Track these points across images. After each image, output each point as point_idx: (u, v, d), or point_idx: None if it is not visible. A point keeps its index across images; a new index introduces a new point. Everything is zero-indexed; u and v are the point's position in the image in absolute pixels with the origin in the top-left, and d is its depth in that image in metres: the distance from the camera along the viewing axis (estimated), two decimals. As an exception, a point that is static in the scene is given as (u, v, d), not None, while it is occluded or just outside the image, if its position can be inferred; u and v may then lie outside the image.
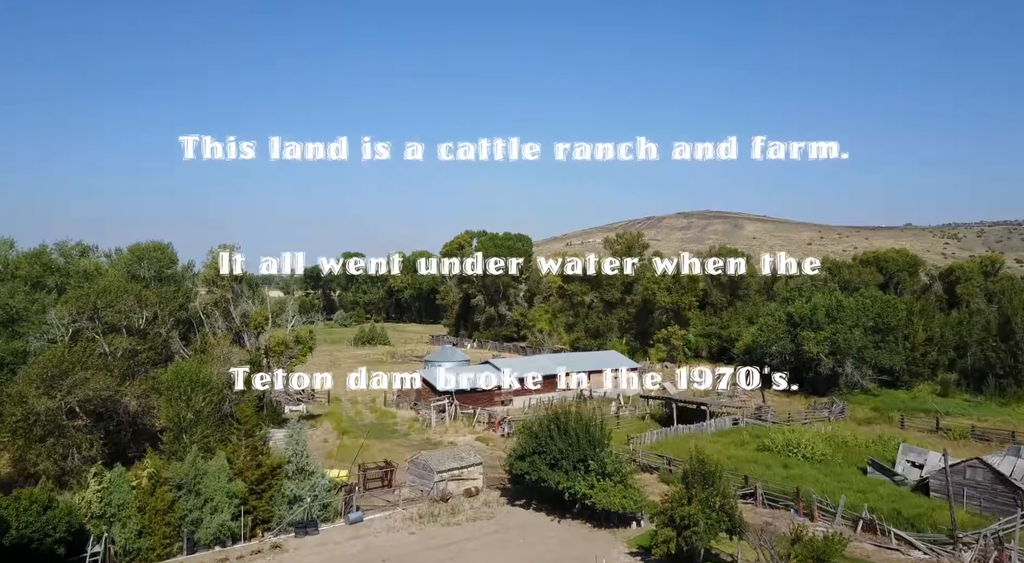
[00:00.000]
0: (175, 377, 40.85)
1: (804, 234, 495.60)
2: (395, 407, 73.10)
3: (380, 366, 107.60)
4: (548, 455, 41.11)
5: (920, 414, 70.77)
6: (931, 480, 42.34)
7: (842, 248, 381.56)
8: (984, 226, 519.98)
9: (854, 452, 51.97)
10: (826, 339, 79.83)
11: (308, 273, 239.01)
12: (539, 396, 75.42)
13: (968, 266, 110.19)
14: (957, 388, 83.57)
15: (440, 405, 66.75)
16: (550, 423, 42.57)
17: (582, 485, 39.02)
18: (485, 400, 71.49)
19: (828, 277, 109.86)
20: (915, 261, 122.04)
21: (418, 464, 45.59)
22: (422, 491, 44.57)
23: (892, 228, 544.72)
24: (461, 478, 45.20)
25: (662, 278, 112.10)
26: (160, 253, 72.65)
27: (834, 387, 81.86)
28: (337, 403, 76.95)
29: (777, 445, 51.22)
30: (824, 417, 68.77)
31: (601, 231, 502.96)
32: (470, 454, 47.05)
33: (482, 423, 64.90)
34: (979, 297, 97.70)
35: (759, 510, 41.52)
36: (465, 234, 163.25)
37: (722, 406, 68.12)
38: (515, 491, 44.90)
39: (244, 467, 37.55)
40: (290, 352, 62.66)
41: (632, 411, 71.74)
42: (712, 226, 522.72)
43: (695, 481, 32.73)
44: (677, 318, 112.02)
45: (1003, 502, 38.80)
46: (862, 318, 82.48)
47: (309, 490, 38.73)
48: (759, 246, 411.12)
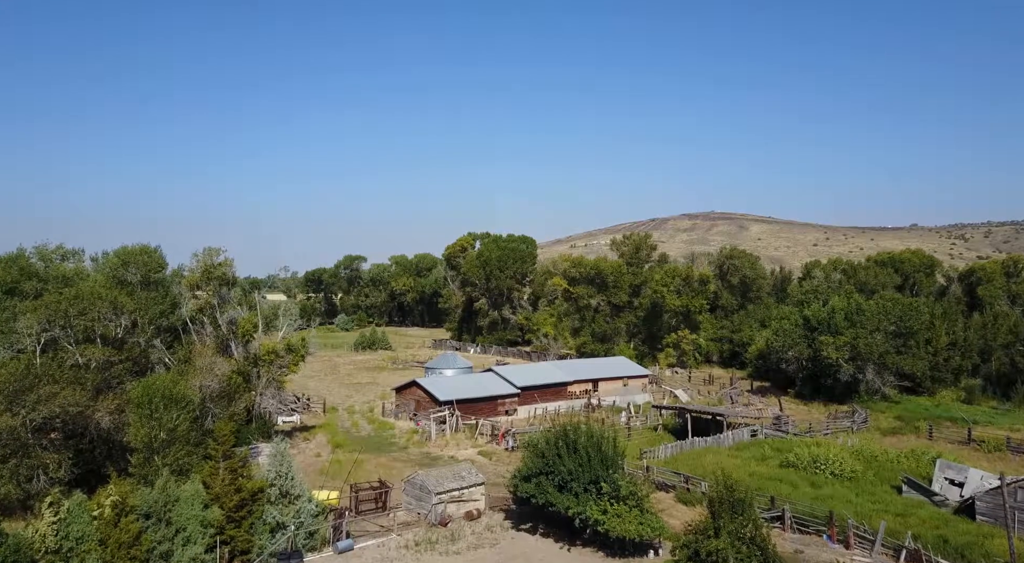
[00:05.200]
0: (145, 392, 37.33)
1: (810, 235, 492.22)
2: (393, 417, 69.58)
3: (380, 372, 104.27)
4: (556, 476, 37.50)
5: (946, 423, 67.01)
6: (977, 502, 38.61)
7: (848, 249, 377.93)
8: (991, 226, 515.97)
9: (885, 468, 48.25)
10: (846, 344, 76.07)
11: (310, 276, 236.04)
12: (545, 405, 71.88)
13: (990, 267, 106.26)
14: (982, 394, 79.83)
15: (440, 416, 63.20)
16: (558, 440, 38.98)
17: (594, 510, 35.38)
18: (488, 410, 67.93)
19: (844, 279, 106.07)
20: (932, 262, 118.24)
21: (415, 484, 42.02)
22: (419, 514, 41.02)
23: (898, 229, 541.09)
24: (461, 500, 41.63)
25: (671, 280, 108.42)
26: (147, 257, 69.10)
27: (853, 394, 78.08)
28: (333, 413, 73.53)
29: (802, 461, 47.51)
30: (846, 427, 65.10)
31: (606, 233, 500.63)
32: (471, 473, 43.46)
33: (485, 435, 61.34)
34: (1002, 299, 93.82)
35: (788, 535, 37.86)
36: (468, 236, 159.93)
37: (739, 416, 64.42)
38: (520, 513, 41.30)
39: (222, 492, 33.97)
40: (281, 361, 59.19)
41: (643, 421, 68.10)
42: (717, 227, 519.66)
43: (723, 510, 29.13)
44: (687, 322, 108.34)
45: (1060, 528, 35.09)
46: (883, 322, 78.72)
47: (294, 516, 35.15)
48: (764, 247, 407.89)
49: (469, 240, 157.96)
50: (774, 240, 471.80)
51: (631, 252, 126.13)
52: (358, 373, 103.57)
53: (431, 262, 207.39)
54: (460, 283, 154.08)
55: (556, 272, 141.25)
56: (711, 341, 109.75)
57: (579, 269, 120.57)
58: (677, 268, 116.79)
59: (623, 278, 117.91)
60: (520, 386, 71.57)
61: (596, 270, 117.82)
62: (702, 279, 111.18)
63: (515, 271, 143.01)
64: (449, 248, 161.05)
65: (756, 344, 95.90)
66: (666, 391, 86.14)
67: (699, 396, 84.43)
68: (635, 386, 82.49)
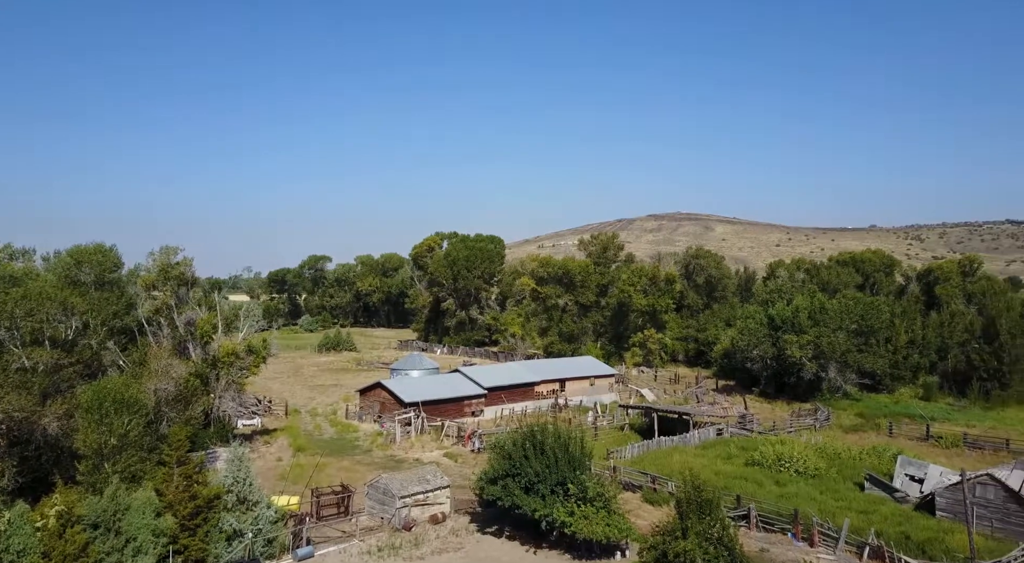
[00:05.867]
0: (96, 397, 35.79)
1: (772, 235, 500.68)
2: (357, 420, 68.39)
3: (345, 374, 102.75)
4: (523, 478, 36.94)
5: (905, 420, 68.12)
6: (938, 498, 39.07)
7: (810, 249, 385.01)
8: (946, 227, 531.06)
9: (848, 465, 48.71)
10: (809, 343, 76.99)
11: (273, 276, 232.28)
12: (512, 406, 71.34)
13: (946, 266, 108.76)
14: (940, 392, 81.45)
15: (405, 418, 62.25)
16: (524, 441, 38.44)
17: (561, 512, 34.90)
18: (454, 411, 67.14)
19: (807, 279, 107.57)
20: (891, 262, 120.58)
21: (378, 488, 41.11)
22: (382, 519, 40.12)
23: (858, 229, 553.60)
24: (426, 503, 40.84)
25: (638, 280, 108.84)
26: (102, 256, 66.80)
27: (816, 392, 79.11)
28: (296, 416, 72.05)
29: (768, 459, 47.73)
30: (809, 425, 65.79)
31: (573, 233, 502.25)
32: (436, 476, 42.69)
33: (451, 437, 60.54)
34: (958, 298, 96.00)
35: (753, 534, 37.85)
36: (435, 235, 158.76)
37: (705, 415, 64.66)
38: (486, 516, 40.69)
39: (175, 499, 32.69)
40: (241, 363, 57.67)
41: (610, 421, 67.99)
42: (682, 228, 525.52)
43: (690, 510, 28.85)
44: (653, 321, 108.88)
45: (1017, 523, 35.62)
46: (845, 321, 79.88)
47: (252, 523, 34.02)
48: (729, 247, 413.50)
49: (436, 240, 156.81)
50: (738, 240, 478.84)
51: (598, 252, 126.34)
52: (322, 375, 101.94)
53: (397, 262, 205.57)
54: (427, 283, 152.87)
55: (524, 272, 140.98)
56: (677, 340, 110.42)
57: (547, 269, 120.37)
58: (644, 268, 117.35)
59: (590, 278, 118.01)
60: (487, 387, 70.94)
61: (564, 270, 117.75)
62: (668, 279, 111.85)
63: (483, 271, 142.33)
64: (416, 248, 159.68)
65: (721, 343, 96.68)
66: (632, 390, 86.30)
67: (665, 395, 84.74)
68: (602, 386, 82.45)
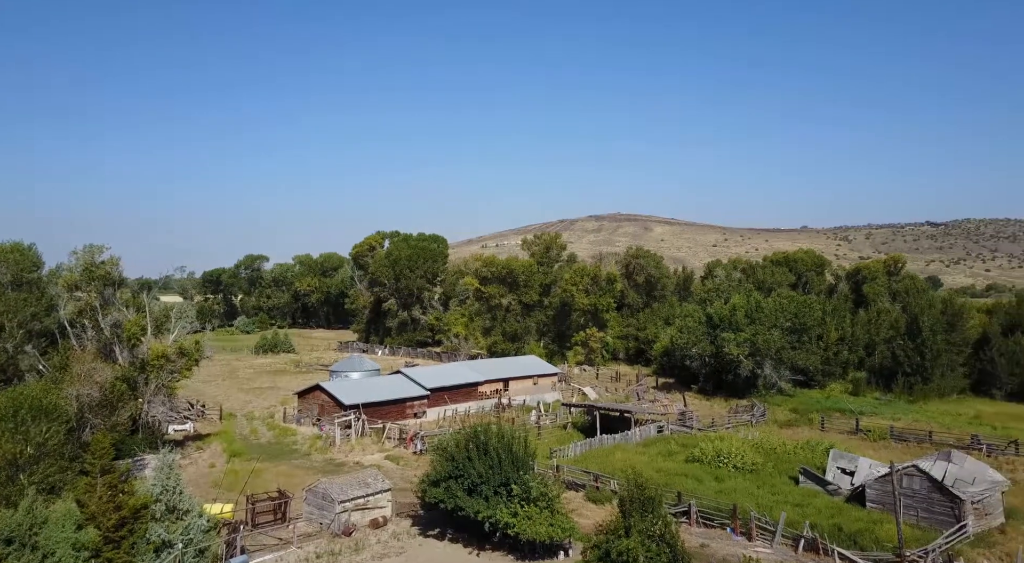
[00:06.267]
0: (11, 404, 33.63)
1: (710, 236, 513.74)
2: (296, 423, 66.60)
3: (282, 376, 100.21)
4: (466, 479, 36.47)
5: (836, 414, 70.54)
6: (868, 490, 40.39)
7: (745, 249, 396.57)
8: (872, 228, 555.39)
9: (784, 459, 49.97)
10: (746, 340, 78.88)
11: (208, 277, 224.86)
12: (455, 406, 70.71)
13: (873, 266, 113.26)
14: (868, 386, 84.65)
15: (346, 420, 60.93)
16: (468, 442, 37.98)
17: (504, 513, 34.58)
18: (396, 413, 66.11)
19: (743, 278, 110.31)
20: (822, 261, 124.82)
21: (317, 493, 39.98)
22: (321, 524, 39.03)
23: (790, 230, 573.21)
24: (367, 507, 39.93)
25: (580, 280, 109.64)
26: (19, 255, 63.17)
27: (752, 389, 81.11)
28: (231, 420, 69.72)
29: (707, 455, 48.53)
30: (746, 421, 67.30)
31: (516, 233, 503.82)
32: (377, 479, 41.80)
33: (392, 439, 59.56)
34: (884, 296, 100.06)
35: (694, 530, 38.35)
36: (377, 234, 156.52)
37: (646, 413, 65.44)
38: (428, 519, 40.05)
39: (98, 510, 30.92)
40: (172, 366, 55.35)
41: (553, 420, 68.11)
42: (623, 228, 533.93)
43: (633, 508, 28.95)
44: (595, 320, 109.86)
45: (941, 512, 37.10)
46: (780, 319, 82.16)
47: (182, 533, 32.48)
48: (667, 247, 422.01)
49: (378, 239, 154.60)
50: (676, 241, 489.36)
51: (541, 252, 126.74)
52: (259, 377, 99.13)
53: (337, 262, 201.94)
54: (368, 283, 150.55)
55: (467, 272, 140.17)
56: (618, 339, 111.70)
57: (491, 268, 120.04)
58: (586, 268, 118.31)
59: (534, 277, 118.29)
60: (429, 388, 70.14)
61: (507, 269, 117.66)
62: (609, 278, 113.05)
63: (426, 271, 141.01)
64: (356, 247, 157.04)
65: (661, 341, 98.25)
66: (575, 389, 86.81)
67: (607, 393, 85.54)
68: (545, 384, 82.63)
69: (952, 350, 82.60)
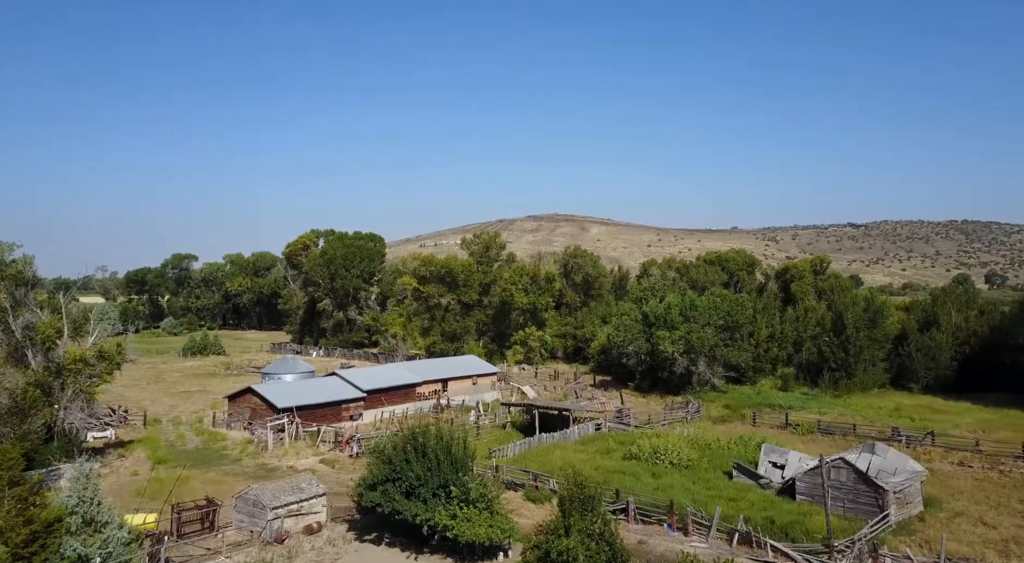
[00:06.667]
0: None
1: (645, 236, 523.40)
2: (226, 428, 64.30)
3: (212, 379, 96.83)
4: (404, 482, 35.76)
5: (767, 409, 72.52)
6: (798, 482, 41.59)
7: (678, 250, 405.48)
8: (798, 229, 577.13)
9: (718, 455, 51.03)
10: (681, 338, 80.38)
11: (132, 277, 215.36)
12: (393, 408, 69.60)
13: (801, 265, 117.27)
14: (796, 382, 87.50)
15: (279, 424, 59.12)
16: (406, 444, 37.28)
17: (443, 515, 34.04)
18: (331, 416, 64.57)
19: (678, 277, 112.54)
20: (753, 261, 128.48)
21: (248, 500, 38.51)
22: (252, 532, 37.62)
23: (721, 231, 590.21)
24: (300, 513, 38.72)
25: (520, 279, 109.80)
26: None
27: (687, 386, 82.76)
28: (156, 425, 66.80)
29: (644, 452, 49.10)
30: (682, 417, 68.55)
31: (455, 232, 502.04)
32: (312, 484, 40.61)
33: (327, 442, 58.12)
34: (811, 295, 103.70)
35: (632, 526, 38.64)
36: (311, 233, 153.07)
37: (584, 411, 65.88)
38: (365, 523, 39.11)
39: (6, 525, 28.92)
40: (92, 370, 52.50)
41: (492, 420, 67.83)
42: (560, 229, 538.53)
43: (573, 508, 28.87)
44: (534, 319, 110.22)
45: (866, 503, 38.48)
46: (713, 317, 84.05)
47: (100, 547, 30.69)
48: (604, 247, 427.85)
49: (312, 237, 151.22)
50: (612, 241, 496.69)
51: (481, 251, 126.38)
52: (186, 381, 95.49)
53: (270, 261, 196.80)
54: (302, 283, 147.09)
55: (406, 271, 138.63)
56: (556, 337, 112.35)
57: (429, 268, 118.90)
58: (525, 267, 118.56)
59: (473, 277, 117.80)
60: (366, 389, 68.82)
61: (447, 269, 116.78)
62: (548, 277, 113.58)
63: (362, 270, 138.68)
64: (290, 246, 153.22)
65: (598, 340, 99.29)
66: (514, 388, 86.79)
67: (546, 392, 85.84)
68: (484, 384, 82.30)
69: (874, 346, 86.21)
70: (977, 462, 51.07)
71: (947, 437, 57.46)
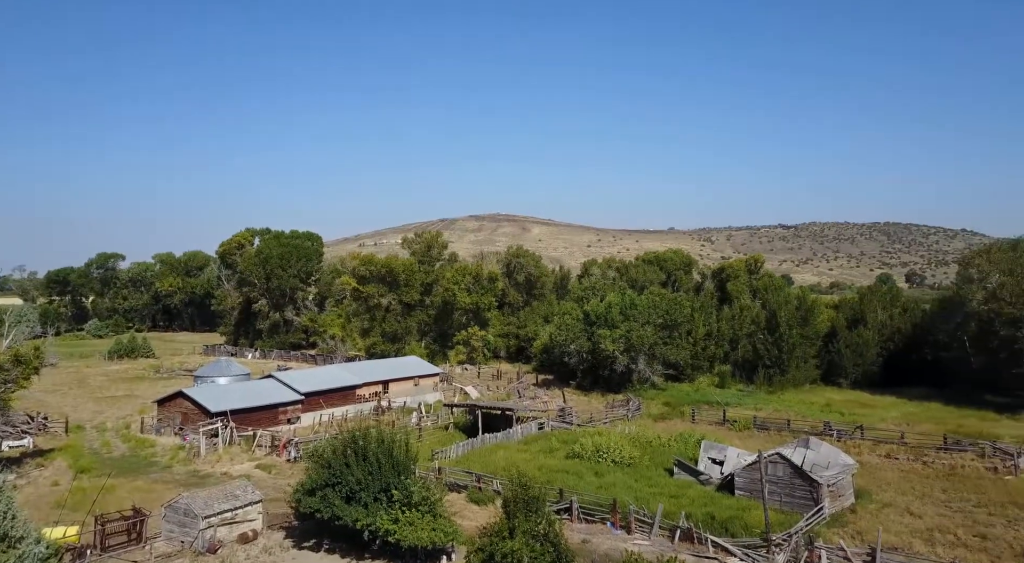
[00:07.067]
0: None
1: (584, 237, 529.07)
2: (155, 433, 61.59)
3: (140, 383, 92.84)
4: (344, 487, 34.81)
5: (705, 406, 73.94)
6: (737, 478, 42.38)
7: (617, 250, 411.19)
8: (731, 230, 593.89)
9: (659, 452, 51.66)
10: (621, 336, 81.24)
11: (53, 277, 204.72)
12: (332, 411, 68.04)
13: (736, 265, 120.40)
14: (732, 379, 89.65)
15: (212, 429, 56.97)
16: (345, 448, 36.32)
17: (385, 520, 33.25)
18: (268, 419, 62.66)
19: (617, 276, 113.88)
20: (690, 260, 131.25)
21: (178, 509, 36.82)
22: (183, 543, 35.99)
23: (658, 231, 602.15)
24: (235, 521, 37.26)
25: (462, 278, 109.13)
26: None
27: (627, 383, 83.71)
28: (79, 432, 63.50)
29: (587, 451, 49.28)
30: (623, 415, 69.26)
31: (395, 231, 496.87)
32: (247, 490, 39.16)
33: (264, 447, 56.33)
34: (746, 294, 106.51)
35: (575, 526, 38.62)
36: (246, 232, 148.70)
37: (527, 410, 65.83)
38: (303, 530, 37.95)
39: (-91, 545, 26.83)
40: (6, 375, 49.46)
41: (434, 421, 67.06)
42: (502, 229, 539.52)
43: (517, 509, 28.58)
44: (477, 319, 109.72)
45: (801, 496, 39.49)
46: (652, 315, 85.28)
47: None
48: (545, 247, 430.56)
49: (247, 236, 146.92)
50: (553, 241, 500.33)
51: (423, 250, 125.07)
52: (112, 385, 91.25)
53: (203, 260, 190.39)
54: (237, 283, 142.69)
55: (344, 270, 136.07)
56: (499, 337, 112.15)
57: (369, 267, 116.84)
58: (468, 266, 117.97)
59: (415, 276, 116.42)
60: (304, 392, 67.07)
61: (387, 268, 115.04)
62: (491, 277, 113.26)
63: (299, 270, 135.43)
64: (224, 245, 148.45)
65: (541, 339, 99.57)
66: (457, 388, 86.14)
67: (488, 392, 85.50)
68: (426, 385, 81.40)
69: (806, 343, 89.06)
70: (903, 454, 53.18)
71: (875, 430, 59.67)
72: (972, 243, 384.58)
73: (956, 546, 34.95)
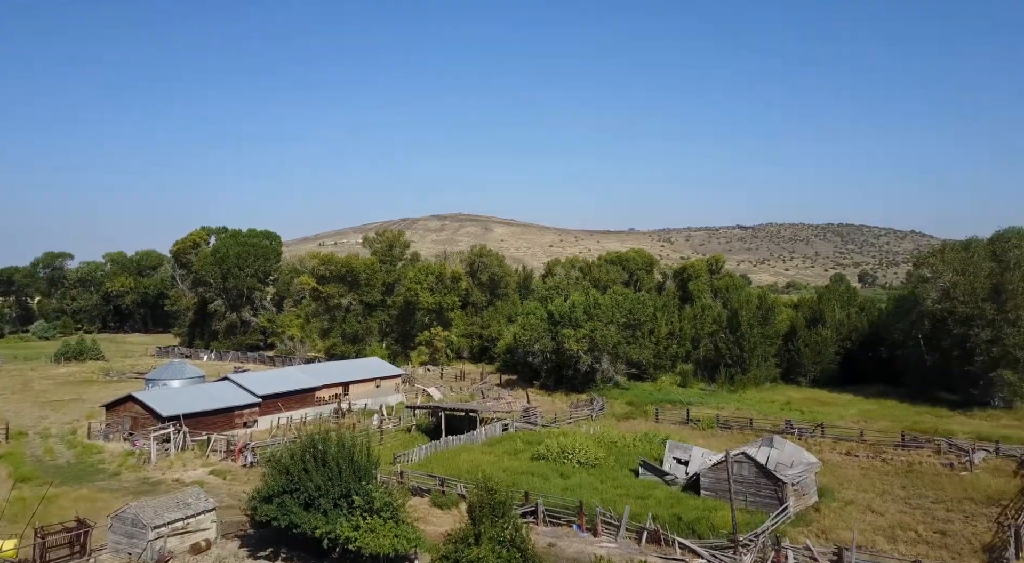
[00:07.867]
0: None
1: (547, 237, 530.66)
2: (103, 439, 59.03)
3: (89, 387, 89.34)
4: (303, 493, 33.46)
5: (668, 405, 74.04)
6: (702, 478, 42.20)
7: (579, 250, 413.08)
8: (691, 231, 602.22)
9: (624, 452, 51.31)
10: (585, 336, 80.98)
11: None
12: (290, 414, 66.26)
13: (697, 265, 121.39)
14: (694, 378, 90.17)
15: (163, 434, 54.83)
16: (304, 452, 34.97)
17: (345, 527, 32.04)
18: (223, 423, 60.63)
19: (581, 276, 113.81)
20: (651, 260, 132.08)
21: (125, 519, 35.02)
22: (131, 555, 34.23)
23: (619, 232, 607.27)
24: (187, 531, 35.59)
25: (425, 278, 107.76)
26: None
27: (591, 383, 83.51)
28: (21, 439, 60.57)
29: (552, 452, 48.66)
30: (587, 415, 68.92)
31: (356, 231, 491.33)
32: (200, 498, 37.50)
33: (219, 452, 54.40)
34: (707, 293, 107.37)
35: (541, 529, 37.94)
36: (201, 230, 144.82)
37: (491, 411, 65.01)
38: (259, 538, 36.46)
39: None
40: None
41: (397, 423, 65.77)
42: (465, 228, 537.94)
43: (483, 514, 27.73)
44: (440, 319, 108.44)
45: (767, 496, 39.45)
46: (615, 315, 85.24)
47: (-54, 583, 26.98)
48: (508, 247, 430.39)
49: (203, 235, 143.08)
50: (516, 241, 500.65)
51: (384, 249, 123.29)
52: (58, 389, 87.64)
53: (156, 260, 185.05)
54: (192, 283, 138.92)
55: (304, 270, 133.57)
56: (462, 337, 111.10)
57: (329, 267, 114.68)
58: (430, 266, 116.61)
59: (376, 276, 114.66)
60: (261, 395, 65.13)
61: (348, 268, 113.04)
62: (454, 277, 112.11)
63: (257, 269, 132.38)
64: (178, 244, 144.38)
65: (504, 339, 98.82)
66: (419, 390, 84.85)
67: (452, 393, 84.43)
68: (388, 387, 79.98)
69: (766, 342, 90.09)
70: (862, 451, 53.84)
71: (834, 428, 60.37)
72: (921, 244, 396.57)
73: (918, 543, 35.23)
